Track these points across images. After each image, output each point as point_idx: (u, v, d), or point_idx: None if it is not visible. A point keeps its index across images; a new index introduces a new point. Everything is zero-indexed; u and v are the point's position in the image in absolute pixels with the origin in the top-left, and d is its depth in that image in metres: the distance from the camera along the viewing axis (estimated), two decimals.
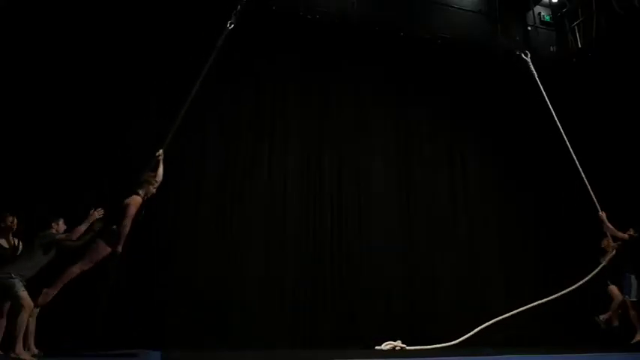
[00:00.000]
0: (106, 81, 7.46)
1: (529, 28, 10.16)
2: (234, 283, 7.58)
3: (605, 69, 9.48)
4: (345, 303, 8.11)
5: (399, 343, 7.54)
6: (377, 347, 7.57)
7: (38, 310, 5.79)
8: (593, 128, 9.60)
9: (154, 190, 5.40)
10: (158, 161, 5.52)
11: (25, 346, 5.68)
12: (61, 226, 6.05)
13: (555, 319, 9.11)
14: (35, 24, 7.21)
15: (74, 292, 6.66)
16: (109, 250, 5.08)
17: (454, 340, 7.82)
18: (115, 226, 5.09)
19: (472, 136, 9.78)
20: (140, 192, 5.26)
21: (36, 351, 5.79)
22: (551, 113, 7.48)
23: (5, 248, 5.89)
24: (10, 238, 5.97)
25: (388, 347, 7.50)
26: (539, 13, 10.29)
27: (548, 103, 7.46)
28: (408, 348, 7.51)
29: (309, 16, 8.75)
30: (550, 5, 10.45)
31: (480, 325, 8.63)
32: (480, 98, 9.84)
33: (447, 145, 9.58)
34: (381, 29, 9.18)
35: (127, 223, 5.05)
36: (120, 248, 5.07)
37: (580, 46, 10.00)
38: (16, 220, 5.94)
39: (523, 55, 7.21)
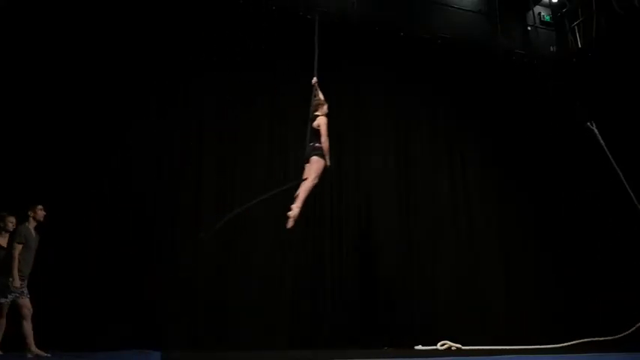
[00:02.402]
0: (106, 81, 7.46)
1: (529, 28, 10.14)
2: (234, 283, 7.58)
3: (605, 69, 9.47)
4: (345, 303, 8.10)
5: (454, 343, 7.69)
6: (423, 347, 7.67)
7: (31, 312, 5.78)
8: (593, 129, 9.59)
9: (327, 110, 6.15)
10: (315, 88, 6.40)
11: (25, 348, 5.69)
12: (39, 212, 5.98)
13: (555, 319, 9.14)
14: (35, 24, 7.20)
15: (74, 292, 6.73)
16: (323, 162, 5.79)
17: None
18: (317, 144, 5.84)
19: (472, 136, 9.78)
20: (319, 113, 6.05)
21: (43, 353, 5.75)
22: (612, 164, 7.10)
23: (5, 249, 5.90)
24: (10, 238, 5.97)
25: (445, 347, 7.61)
26: (539, 13, 10.28)
27: (614, 164, 7.11)
28: (463, 348, 7.62)
29: (309, 16, 8.74)
30: (550, 5, 10.43)
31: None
32: (480, 98, 9.83)
33: (447, 145, 9.57)
34: (381, 29, 9.17)
35: (326, 138, 5.86)
36: (329, 161, 5.85)
37: (580, 46, 9.99)
38: (15, 221, 5.95)
39: (589, 124, 7.08)
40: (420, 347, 7.74)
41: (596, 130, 7.00)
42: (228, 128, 8.16)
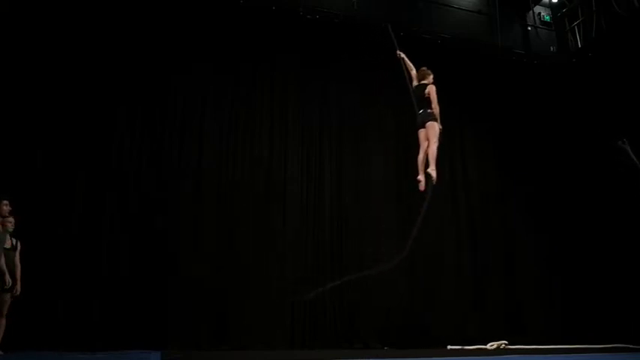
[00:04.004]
0: (106, 83, 7.48)
1: (529, 28, 10.16)
2: (235, 283, 7.56)
3: (605, 69, 9.48)
4: (344, 303, 8.09)
5: (503, 342, 7.88)
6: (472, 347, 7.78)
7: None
8: (593, 129, 9.60)
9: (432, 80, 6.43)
10: (403, 60, 6.59)
11: None
12: (4, 208, 5.83)
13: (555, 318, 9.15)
14: (36, 28, 7.20)
15: (75, 292, 6.72)
16: (437, 125, 6.23)
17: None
18: (429, 110, 6.18)
19: (472, 135, 9.77)
20: (426, 81, 6.34)
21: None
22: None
23: None
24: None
25: (493, 347, 7.76)
26: (539, 13, 10.29)
27: None
28: (511, 347, 7.77)
29: (309, 16, 8.74)
30: (550, 5, 10.45)
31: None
32: (480, 98, 9.82)
33: (447, 146, 9.53)
34: (381, 29, 9.15)
35: (436, 104, 6.18)
36: (440, 124, 6.21)
37: (580, 46, 10.00)
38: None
39: (620, 143, 7.00)
40: (451, 347, 7.85)
41: (629, 149, 6.90)
42: (228, 129, 8.14)
